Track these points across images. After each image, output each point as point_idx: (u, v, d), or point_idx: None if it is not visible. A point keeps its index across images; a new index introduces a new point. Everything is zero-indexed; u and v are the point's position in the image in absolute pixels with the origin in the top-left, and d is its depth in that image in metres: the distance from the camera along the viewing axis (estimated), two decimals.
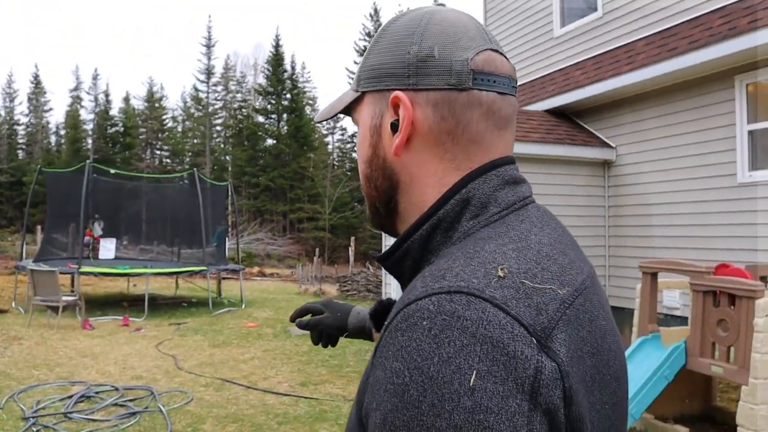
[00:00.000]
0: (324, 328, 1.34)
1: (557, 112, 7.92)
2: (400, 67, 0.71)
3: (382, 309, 0.84)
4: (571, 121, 7.87)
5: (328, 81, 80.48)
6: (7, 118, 54.11)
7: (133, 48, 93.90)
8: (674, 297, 6.68)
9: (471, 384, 0.51)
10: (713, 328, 4.58)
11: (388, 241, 9.55)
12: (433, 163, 0.71)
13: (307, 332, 1.36)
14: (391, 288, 9.34)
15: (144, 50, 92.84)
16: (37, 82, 54.46)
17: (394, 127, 0.71)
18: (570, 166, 7.21)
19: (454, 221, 0.68)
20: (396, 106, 0.71)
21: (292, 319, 1.36)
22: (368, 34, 46.58)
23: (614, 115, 7.35)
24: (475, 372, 0.52)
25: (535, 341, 0.55)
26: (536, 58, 8.62)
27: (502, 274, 0.58)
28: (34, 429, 5.14)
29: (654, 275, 5.21)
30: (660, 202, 6.72)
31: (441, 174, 0.71)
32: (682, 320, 6.27)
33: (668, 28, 6.65)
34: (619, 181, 7.27)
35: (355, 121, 0.80)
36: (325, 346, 1.36)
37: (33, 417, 5.36)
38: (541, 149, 6.96)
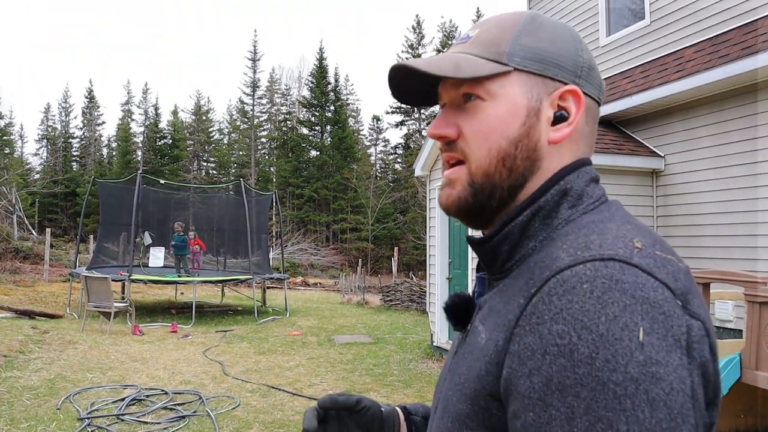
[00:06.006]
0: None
1: (603, 121, 7.80)
2: (573, 65, 0.76)
3: (461, 302, 0.80)
4: (618, 130, 7.75)
5: (371, 94, 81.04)
6: (63, 131, 56.23)
7: (182, 62, 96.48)
8: (727, 309, 6.48)
9: (640, 339, 0.56)
10: None
11: (433, 252, 9.53)
12: (566, 156, 0.76)
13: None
14: (435, 298, 9.31)
15: (192, 64, 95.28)
16: (91, 96, 56.39)
17: (559, 117, 0.75)
18: (617, 176, 7.10)
19: (553, 209, 0.73)
20: (563, 99, 0.75)
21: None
22: (411, 46, 46.76)
23: (663, 123, 7.20)
24: (641, 329, 0.56)
25: (679, 303, 0.60)
26: None
27: (639, 246, 0.63)
28: (89, 430, 5.30)
29: (706, 286, 5.07)
30: (711, 211, 6.55)
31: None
32: (735, 333, 6.09)
33: (719, 35, 6.50)
34: (668, 190, 7.11)
35: (478, 91, 0.75)
36: None
37: (88, 418, 5.53)
38: None
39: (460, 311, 0.79)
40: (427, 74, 0.74)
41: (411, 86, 0.82)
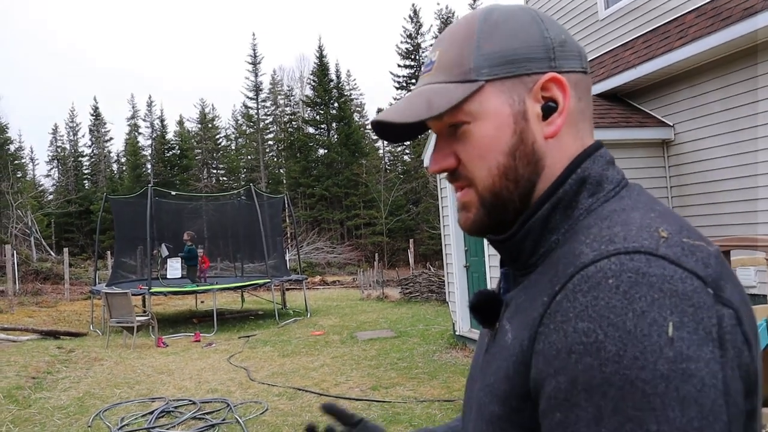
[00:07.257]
0: None
1: (609, 95, 7.72)
2: (542, 50, 0.72)
3: (486, 299, 0.78)
4: (624, 103, 7.67)
5: (374, 86, 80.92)
6: (72, 150, 56.73)
7: (183, 71, 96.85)
8: (750, 275, 6.40)
9: (669, 335, 0.54)
10: None
11: (449, 241, 9.50)
12: (569, 143, 0.74)
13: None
14: (455, 287, 9.28)
15: (194, 73, 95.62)
16: (96, 114, 56.87)
17: (547, 109, 0.72)
18: (627, 150, 7.03)
19: (572, 199, 0.71)
20: (546, 89, 0.72)
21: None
22: (409, 36, 46.59)
23: (669, 92, 7.11)
24: (671, 324, 0.54)
25: (711, 291, 0.57)
26: (582, 43, 8.43)
27: (665, 235, 0.61)
28: None
29: (726, 253, 5.00)
30: (726, 177, 6.47)
31: (572, 153, 0.74)
32: (759, 299, 6.02)
33: None
34: (680, 159, 7.03)
35: (459, 117, 0.74)
36: None
37: None
38: (595, 135, 6.76)
39: (486, 309, 0.77)
40: (404, 124, 0.74)
41: (398, 129, 0.81)
